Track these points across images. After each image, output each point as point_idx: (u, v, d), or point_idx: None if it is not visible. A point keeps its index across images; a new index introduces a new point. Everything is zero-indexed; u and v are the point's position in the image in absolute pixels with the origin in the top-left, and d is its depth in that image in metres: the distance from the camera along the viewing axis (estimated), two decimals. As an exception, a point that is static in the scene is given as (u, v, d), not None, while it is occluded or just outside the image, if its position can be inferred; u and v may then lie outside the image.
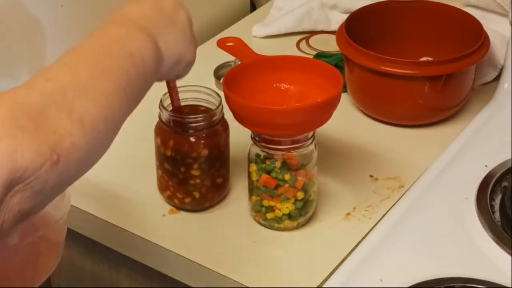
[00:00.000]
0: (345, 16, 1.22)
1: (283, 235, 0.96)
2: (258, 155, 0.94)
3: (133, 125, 0.72)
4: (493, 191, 0.99)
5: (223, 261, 0.92)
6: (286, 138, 0.91)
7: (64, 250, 0.81)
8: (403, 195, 1.01)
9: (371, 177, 1.05)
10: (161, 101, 0.95)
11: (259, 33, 1.38)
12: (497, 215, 0.95)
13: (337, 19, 1.38)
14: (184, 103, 0.97)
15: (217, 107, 0.96)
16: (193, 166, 0.95)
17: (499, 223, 0.94)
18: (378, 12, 1.23)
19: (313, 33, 1.39)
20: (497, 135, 1.10)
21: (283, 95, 0.95)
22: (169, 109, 0.94)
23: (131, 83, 0.69)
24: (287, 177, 0.93)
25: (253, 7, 1.55)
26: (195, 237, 0.96)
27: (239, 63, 0.99)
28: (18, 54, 1.12)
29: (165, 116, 0.95)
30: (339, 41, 1.15)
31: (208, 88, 0.98)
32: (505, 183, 1.00)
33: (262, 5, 1.52)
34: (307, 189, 0.94)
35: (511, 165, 1.02)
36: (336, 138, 1.11)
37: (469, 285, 0.85)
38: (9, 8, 1.08)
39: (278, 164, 0.92)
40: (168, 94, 0.93)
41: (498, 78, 1.20)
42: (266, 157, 0.93)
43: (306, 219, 0.96)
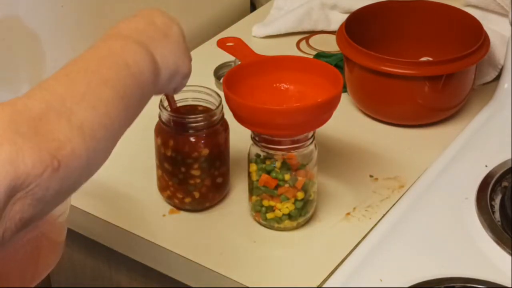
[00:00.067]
0: (345, 16, 1.22)
1: (283, 235, 0.96)
2: (258, 155, 0.94)
3: (133, 125, 0.73)
4: (493, 191, 0.99)
5: (223, 261, 0.92)
6: (286, 138, 0.91)
7: (64, 250, 0.81)
8: (403, 195, 1.01)
9: (371, 177, 1.05)
10: (161, 101, 0.95)
11: (259, 33, 1.38)
12: (497, 215, 0.95)
13: (337, 19, 1.38)
14: (184, 103, 0.97)
15: (217, 107, 0.96)
16: (193, 166, 0.95)
17: (499, 223, 0.94)
18: (378, 12, 1.23)
19: (313, 33, 1.39)
20: (497, 135, 1.10)
21: (283, 95, 0.95)
22: (169, 109, 0.95)
23: (129, 92, 0.70)
24: (287, 177, 0.92)
25: (253, 7, 1.55)
26: (195, 237, 0.96)
27: (239, 63, 0.99)
28: (17, 54, 1.12)
29: (165, 116, 0.95)
30: (339, 41, 1.15)
31: (208, 88, 0.98)
32: (505, 183, 1.00)
33: (262, 5, 1.52)
34: (307, 189, 0.94)
35: (511, 165, 1.02)
36: (336, 138, 1.11)
37: (469, 285, 0.85)
38: (7, 21, 1.08)
39: (278, 164, 0.92)
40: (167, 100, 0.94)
41: (498, 78, 1.20)
42: (266, 157, 0.93)
43: (306, 219, 0.96)
